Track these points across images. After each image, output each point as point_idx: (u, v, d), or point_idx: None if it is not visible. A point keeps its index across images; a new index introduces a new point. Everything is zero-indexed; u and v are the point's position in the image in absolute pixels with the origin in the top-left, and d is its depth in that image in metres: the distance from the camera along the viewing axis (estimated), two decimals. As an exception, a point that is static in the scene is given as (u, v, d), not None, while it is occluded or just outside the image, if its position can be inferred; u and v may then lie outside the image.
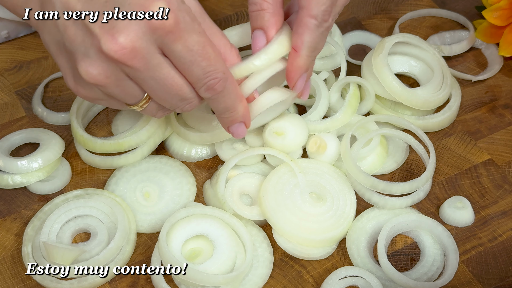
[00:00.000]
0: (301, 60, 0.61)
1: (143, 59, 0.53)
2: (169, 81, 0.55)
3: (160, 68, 0.54)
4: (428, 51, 0.76)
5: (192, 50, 0.53)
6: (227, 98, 0.58)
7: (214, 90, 0.56)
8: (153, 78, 0.55)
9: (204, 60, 0.54)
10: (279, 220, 0.64)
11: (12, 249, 0.66)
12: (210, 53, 0.54)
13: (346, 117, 0.71)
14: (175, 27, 0.52)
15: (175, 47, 0.53)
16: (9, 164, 0.69)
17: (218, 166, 0.72)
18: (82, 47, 0.53)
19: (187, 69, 0.55)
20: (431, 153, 0.68)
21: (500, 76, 0.80)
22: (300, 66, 0.61)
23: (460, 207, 0.67)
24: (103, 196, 0.67)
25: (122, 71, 0.54)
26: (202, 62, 0.54)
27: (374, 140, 0.70)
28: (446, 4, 0.89)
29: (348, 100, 0.71)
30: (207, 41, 0.54)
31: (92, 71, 0.54)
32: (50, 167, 0.70)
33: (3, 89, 0.79)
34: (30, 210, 0.69)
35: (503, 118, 0.76)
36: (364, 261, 0.64)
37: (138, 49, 0.52)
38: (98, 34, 0.52)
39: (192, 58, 0.54)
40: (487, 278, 0.63)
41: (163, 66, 0.54)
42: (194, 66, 0.54)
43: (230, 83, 0.57)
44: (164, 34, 0.52)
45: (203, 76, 0.55)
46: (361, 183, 0.67)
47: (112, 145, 0.70)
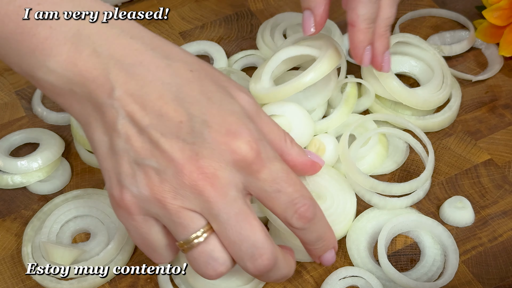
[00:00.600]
0: (361, 34, 0.60)
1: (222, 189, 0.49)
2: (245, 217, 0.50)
3: (237, 202, 0.50)
4: (428, 51, 0.76)
5: (277, 177, 0.50)
6: (319, 225, 0.54)
7: (305, 218, 0.52)
8: (226, 213, 0.49)
9: (290, 186, 0.51)
10: None
11: (12, 249, 0.66)
12: (294, 178, 0.51)
13: (342, 116, 0.71)
14: (257, 157, 0.49)
15: (260, 176, 0.50)
16: (9, 164, 0.69)
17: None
18: (155, 163, 0.49)
19: (273, 199, 0.51)
20: (430, 152, 0.68)
21: (500, 76, 0.80)
22: (360, 40, 0.61)
23: (460, 207, 0.67)
24: (103, 196, 0.67)
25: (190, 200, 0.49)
26: (289, 188, 0.51)
27: (372, 138, 0.70)
28: (446, 4, 0.89)
29: (344, 99, 0.71)
30: (288, 167, 0.52)
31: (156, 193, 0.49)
32: (50, 167, 0.70)
33: (3, 89, 0.79)
34: (30, 210, 0.69)
35: (503, 118, 0.76)
36: (364, 261, 0.64)
37: (220, 178, 0.49)
38: (179, 158, 0.48)
39: (278, 186, 0.50)
40: (487, 278, 0.63)
41: (240, 201, 0.50)
42: (281, 194, 0.50)
43: (318, 209, 0.53)
44: (247, 166, 0.49)
45: (292, 204, 0.51)
46: (360, 184, 0.67)
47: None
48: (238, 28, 0.86)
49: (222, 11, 0.88)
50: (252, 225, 0.50)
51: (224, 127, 0.49)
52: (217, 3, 0.89)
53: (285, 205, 0.51)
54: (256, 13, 0.88)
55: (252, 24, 0.87)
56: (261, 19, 0.87)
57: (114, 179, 0.50)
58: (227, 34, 0.85)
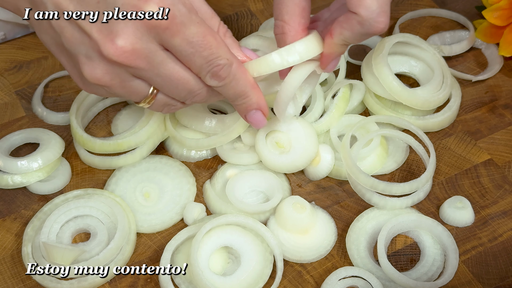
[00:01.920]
0: (337, 48, 0.60)
1: (146, 59, 0.53)
2: (174, 75, 0.55)
3: (164, 64, 0.54)
4: (428, 51, 0.76)
5: (192, 41, 0.53)
6: (236, 84, 0.58)
7: (219, 77, 0.56)
8: (158, 75, 0.55)
9: (205, 50, 0.54)
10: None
11: (12, 249, 0.66)
12: (211, 41, 0.54)
13: (332, 120, 0.71)
14: (171, 22, 0.52)
15: (175, 41, 0.53)
16: (9, 164, 0.69)
17: (218, 166, 0.72)
18: (83, 49, 0.53)
19: (189, 61, 0.55)
20: (431, 153, 0.68)
21: (500, 76, 0.80)
22: (335, 52, 0.61)
23: (460, 207, 0.67)
24: (103, 196, 0.67)
25: (127, 71, 0.54)
26: (204, 51, 0.54)
27: (374, 140, 0.70)
28: (446, 4, 0.89)
29: (335, 103, 0.72)
30: (207, 30, 0.54)
31: (97, 74, 0.54)
32: (50, 167, 0.70)
33: (3, 89, 0.79)
34: (30, 210, 0.69)
35: (503, 118, 0.76)
36: (364, 261, 0.64)
37: (139, 50, 0.52)
38: (97, 38, 0.52)
39: (193, 50, 0.54)
40: (487, 278, 0.63)
41: (166, 61, 0.54)
42: (196, 57, 0.54)
43: (236, 68, 0.57)
44: (161, 31, 0.52)
45: (206, 65, 0.55)
46: (361, 184, 0.67)
47: (111, 145, 0.70)
48: (238, 28, 0.86)
49: (222, 11, 0.88)
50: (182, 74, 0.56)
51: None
52: (217, 3, 0.89)
53: (200, 66, 0.55)
54: (256, 13, 0.88)
55: (252, 24, 0.87)
56: (261, 19, 0.87)
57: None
58: (227, 34, 0.85)
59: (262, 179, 0.68)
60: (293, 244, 0.65)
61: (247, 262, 0.62)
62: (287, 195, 0.68)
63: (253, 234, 0.64)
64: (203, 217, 0.67)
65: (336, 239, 0.66)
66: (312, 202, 0.68)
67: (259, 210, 0.65)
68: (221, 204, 0.67)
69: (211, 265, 0.62)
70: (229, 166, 0.70)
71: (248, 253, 0.63)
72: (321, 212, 0.67)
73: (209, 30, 0.54)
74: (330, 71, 0.63)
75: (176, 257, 0.64)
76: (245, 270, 0.62)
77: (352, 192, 0.69)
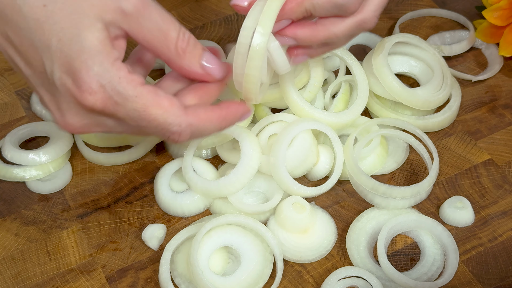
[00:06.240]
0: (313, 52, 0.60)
1: (98, 127, 0.54)
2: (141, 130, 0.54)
3: (123, 124, 0.53)
4: (428, 51, 0.77)
5: (133, 117, 0.51)
6: (199, 134, 0.54)
7: (178, 140, 0.53)
8: (126, 130, 0.54)
9: (151, 122, 0.51)
10: None
11: (12, 249, 0.66)
12: (154, 113, 0.51)
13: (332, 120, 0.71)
14: (106, 105, 0.50)
15: (117, 117, 0.51)
16: (18, 156, 0.69)
17: (219, 166, 0.72)
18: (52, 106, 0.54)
19: (142, 132, 0.54)
20: (435, 158, 0.67)
21: (500, 76, 0.80)
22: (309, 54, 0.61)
23: (460, 207, 0.67)
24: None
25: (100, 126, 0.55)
26: (150, 123, 0.51)
27: (374, 140, 0.70)
28: (446, 4, 0.89)
29: (334, 104, 0.72)
30: (147, 102, 0.50)
31: (68, 127, 0.54)
32: (61, 160, 0.70)
33: (3, 89, 0.79)
34: (30, 210, 0.69)
35: (503, 118, 0.76)
36: (364, 261, 0.64)
37: (89, 125, 0.53)
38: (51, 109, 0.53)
39: (137, 124, 0.52)
40: (487, 278, 0.63)
41: (123, 124, 0.53)
42: (145, 129, 0.52)
43: (195, 124, 0.53)
44: (101, 112, 0.51)
45: (160, 134, 0.52)
46: (362, 185, 0.67)
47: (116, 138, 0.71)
48: (238, 28, 0.86)
49: (222, 11, 0.88)
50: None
51: (70, 76, 0.49)
52: (217, 3, 0.89)
53: (156, 134, 0.53)
54: (256, 13, 0.88)
55: (252, 24, 0.87)
56: (261, 19, 0.87)
57: None
58: (227, 34, 0.85)
59: (262, 179, 0.68)
60: (293, 244, 0.65)
61: (247, 262, 0.62)
62: (287, 195, 0.69)
63: (253, 234, 0.64)
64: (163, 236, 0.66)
65: (336, 239, 0.66)
66: (312, 202, 0.69)
67: (259, 210, 0.65)
68: (221, 204, 0.67)
69: (211, 265, 0.62)
70: (229, 166, 0.70)
71: (248, 253, 0.63)
72: (321, 212, 0.67)
73: (150, 100, 0.50)
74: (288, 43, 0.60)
75: (176, 257, 0.64)
76: (245, 270, 0.62)
77: (352, 192, 0.69)
